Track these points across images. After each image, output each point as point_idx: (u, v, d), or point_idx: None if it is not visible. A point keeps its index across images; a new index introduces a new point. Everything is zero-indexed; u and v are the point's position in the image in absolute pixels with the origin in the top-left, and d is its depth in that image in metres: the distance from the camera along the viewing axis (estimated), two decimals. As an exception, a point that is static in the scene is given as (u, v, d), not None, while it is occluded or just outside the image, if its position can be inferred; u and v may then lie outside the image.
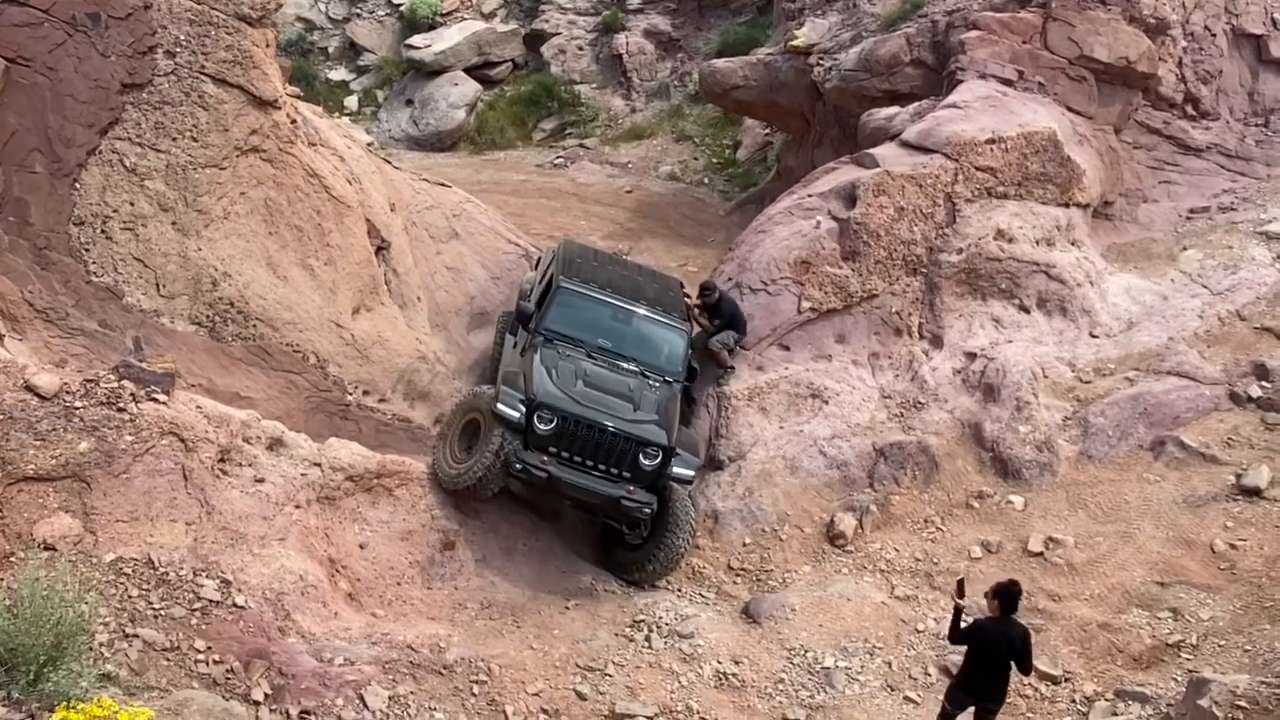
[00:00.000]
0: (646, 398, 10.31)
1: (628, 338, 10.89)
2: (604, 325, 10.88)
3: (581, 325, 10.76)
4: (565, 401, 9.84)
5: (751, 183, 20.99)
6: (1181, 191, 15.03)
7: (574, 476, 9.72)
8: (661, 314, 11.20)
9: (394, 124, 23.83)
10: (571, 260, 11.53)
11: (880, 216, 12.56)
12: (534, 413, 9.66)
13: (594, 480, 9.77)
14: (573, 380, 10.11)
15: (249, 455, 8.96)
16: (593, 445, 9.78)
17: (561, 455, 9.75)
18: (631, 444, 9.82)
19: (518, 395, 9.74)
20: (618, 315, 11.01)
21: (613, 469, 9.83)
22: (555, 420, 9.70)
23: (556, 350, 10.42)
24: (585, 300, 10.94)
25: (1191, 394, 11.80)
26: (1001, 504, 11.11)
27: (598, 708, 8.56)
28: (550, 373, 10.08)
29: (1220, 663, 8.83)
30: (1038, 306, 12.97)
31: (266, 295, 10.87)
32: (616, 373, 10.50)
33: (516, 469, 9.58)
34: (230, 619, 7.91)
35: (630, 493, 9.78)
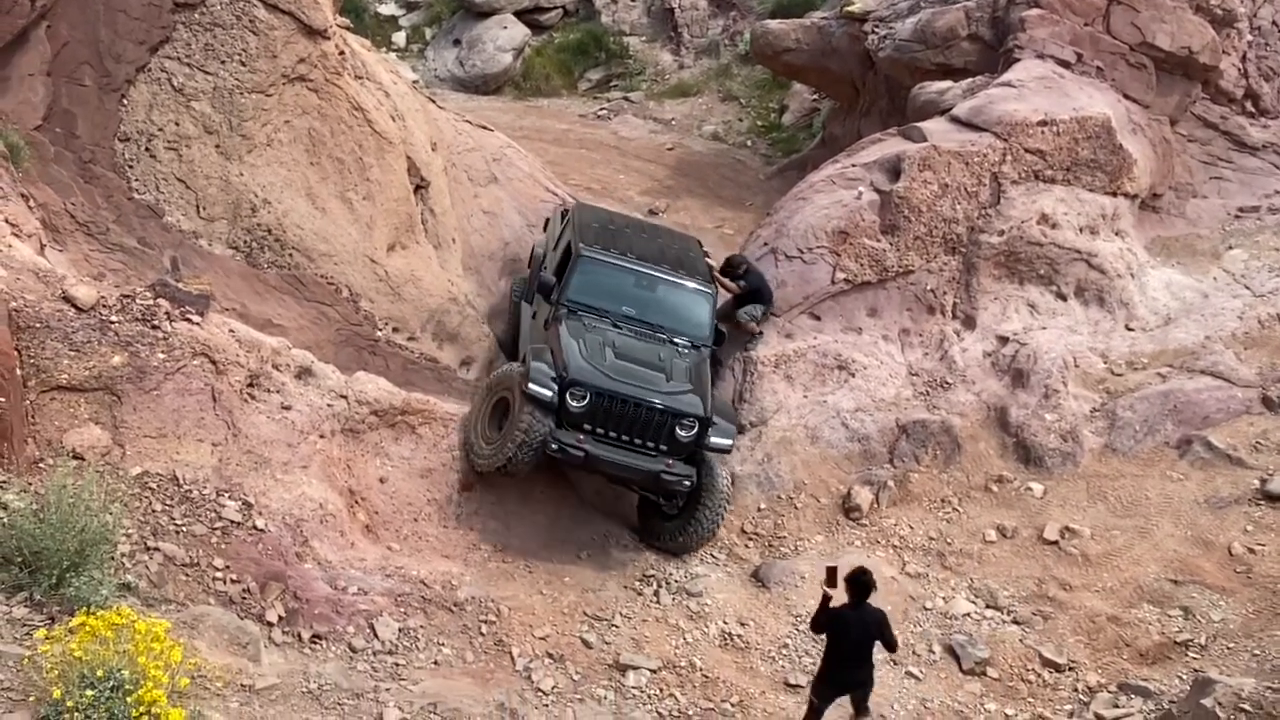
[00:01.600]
0: (677, 366, 10.13)
1: (652, 304, 10.72)
2: (628, 293, 10.69)
3: (605, 294, 10.56)
4: (598, 376, 9.61)
5: (795, 148, 20.76)
6: (1233, 189, 14.74)
7: (611, 453, 9.51)
8: (685, 277, 11.02)
9: (440, 63, 23.71)
10: (588, 225, 11.29)
11: (923, 192, 12.41)
12: (567, 390, 9.44)
13: (632, 456, 9.57)
14: (602, 353, 9.89)
15: (277, 382, 9.05)
16: (628, 420, 9.57)
17: (596, 431, 9.55)
18: (668, 416, 9.62)
19: (549, 373, 9.51)
20: (641, 282, 10.82)
21: (649, 442, 9.63)
22: (589, 396, 9.49)
23: (582, 321, 10.21)
24: (607, 268, 10.72)
25: (1223, 395, 11.66)
26: (1021, 490, 11.08)
27: (602, 656, 8.67)
28: (579, 346, 9.86)
29: (1227, 665, 8.81)
30: (1075, 295, 12.82)
31: (304, 225, 10.90)
32: (645, 341, 10.32)
33: (553, 449, 9.38)
34: (249, 540, 8.05)
35: (669, 466, 9.59)
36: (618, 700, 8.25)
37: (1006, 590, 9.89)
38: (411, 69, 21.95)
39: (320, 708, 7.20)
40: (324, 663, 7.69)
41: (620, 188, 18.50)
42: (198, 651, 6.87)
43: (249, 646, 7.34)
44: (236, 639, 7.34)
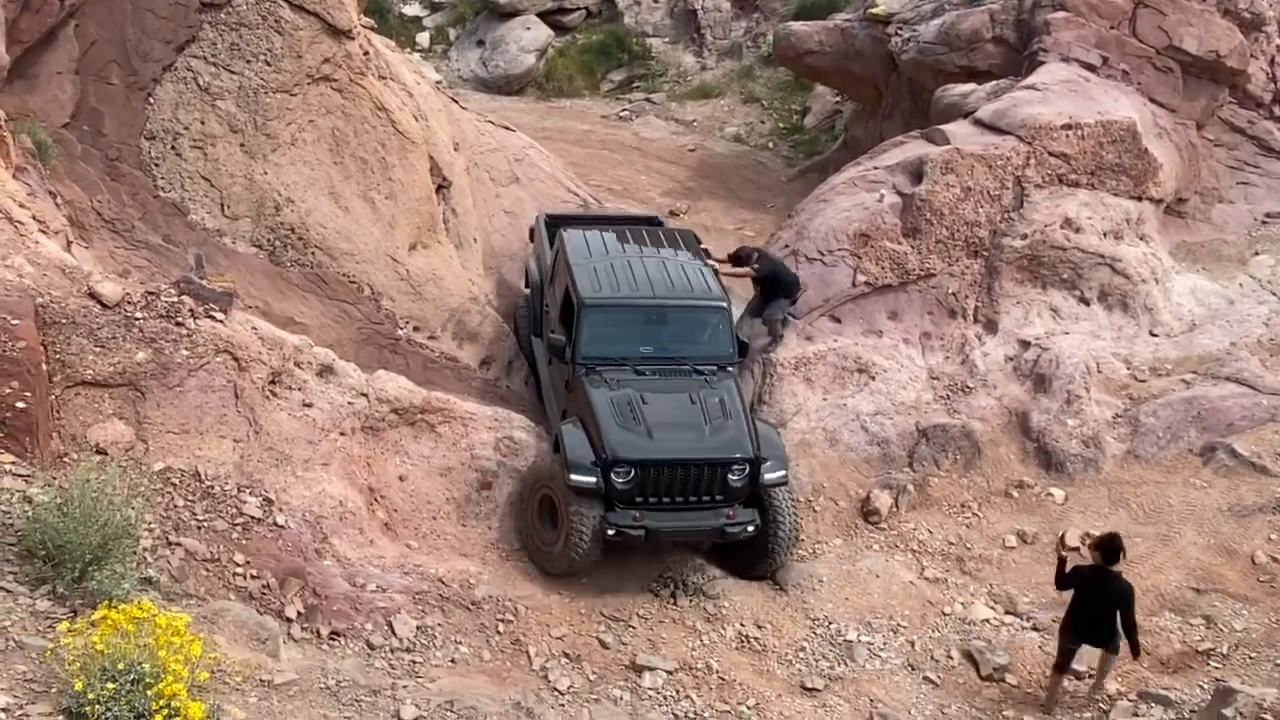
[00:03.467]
0: (711, 403, 9.59)
1: (668, 336, 10.23)
2: (641, 332, 10.13)
3: (618, 340, 10.00)
4: (639, 446, 9.11)
5: (817, 150, 20.71)
6: (1260, 194, 14.61)
7: (671, 522, 9.13)
8: (693, 297, 10.39)
9: (463, 64, 23.80)
10: (581, 258, 10.56)
11: (946, 195, 12.36)
12: (610, 471, 9.01)
13: (691, 517, 9.19)
14: (635, 414, 9.35)
15: (299, 379, 9.11)
16: (679, 482, 9.13)
17: (650, 501, 9.14)
18: (717, 468, 9.17)
19: (588, 457, 9.06)
20: (651, 316, 10.26)
21: (704, 497, 9.24)
22: (634, 471, 9.04)
23: (603, 378, 9.68)
24: (615, 313, 10.13)
25: (1249, 402, 11.55)
26: (1041, 495, 11.01)
27: (619, 657, 8.67)
28: (611, 413, 9.32)
29: (1249, 675, 8.72)
30: (1098, 300, 12.74)
31: (327, 224, 10.98)
32: (672, 382, 9.77)
33: (610, 535, 9.02)
34: (270, 536, 8.10)
35: (731, 518, 9.22)
36: (634, 701, 8.25)
37: (1026, 596, 9.83)
38: (435, 69, 22.05)
39: (338, 704, 7.23)
40: (342, 659, 7.72)
41: (642, 189, 18.51)
42: (217, 646, 6.92)
43: (268, 642, 7.39)
44: (256, 634, 7.39)
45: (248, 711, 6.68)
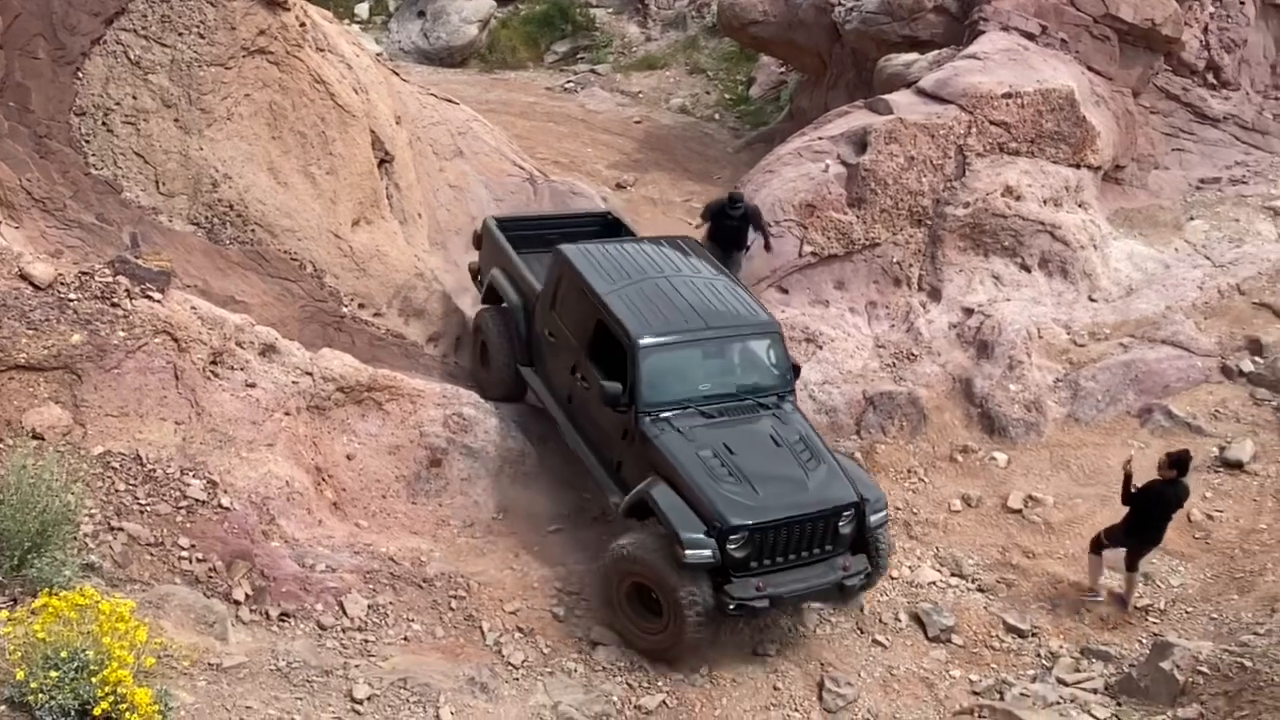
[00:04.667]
0: (793, 443, 8.79)
1: (725, 369, 9.29)
2: (700, 368, 9.12)
3: (677, 380, 8.93)
4: (751, 508, 8.16)
5: (762, 121, 20.75)
6: (1194, 160, 14.92)
7: (790, 584, 8.27)
8: (745, 325, 9.36)
9: (404, 35, 23.43)
10: (602, 282, 9.40)
11: (890, 164, 12.46)
12: (725, 540, 8.04)
13: (808, 577, 8.38)
14: (725, 468, 8.42)
15: (241, 359, 8.97)
16: (793, 540, 8.30)
17: (763, 565, 8.25)
18: (828, 519, 8.39)
19: (698, 527, 8.05)
20: (709, 350, 9.25)
21: (815, 549, 8.44)
22: (748, 535, 8.10)
23: (673, 426, 8.68)
24: (673, 351, 8.97)
25: (1184, 364, 11.85)
26: (985, 460, 11.21)
27: (573, 630, 8.70)
28: (702, 470, 8.35)
29: (1186, 629, 9.00)
30: (1039, 266, 12.95)
31: (266, 200, 10.76)
32: (744, 422, 8.88)
33: (732, 611, 8.14)
34: (215, 519, 7.99)
35: (846, 569, 8.50)
36: (588, 673, 8.29)
37: (971, 559, 10.02)
38: (375, 41, 21.68)
39: (289, 685, 7.19)
40: (292, 640, 7.67)
41: (588, 161, 18.42)
42: (163, 631, 6.84)
43: (216, 625, 7.32)
44: (203, 618, 7.32)
45: (196, 695, 6.62)
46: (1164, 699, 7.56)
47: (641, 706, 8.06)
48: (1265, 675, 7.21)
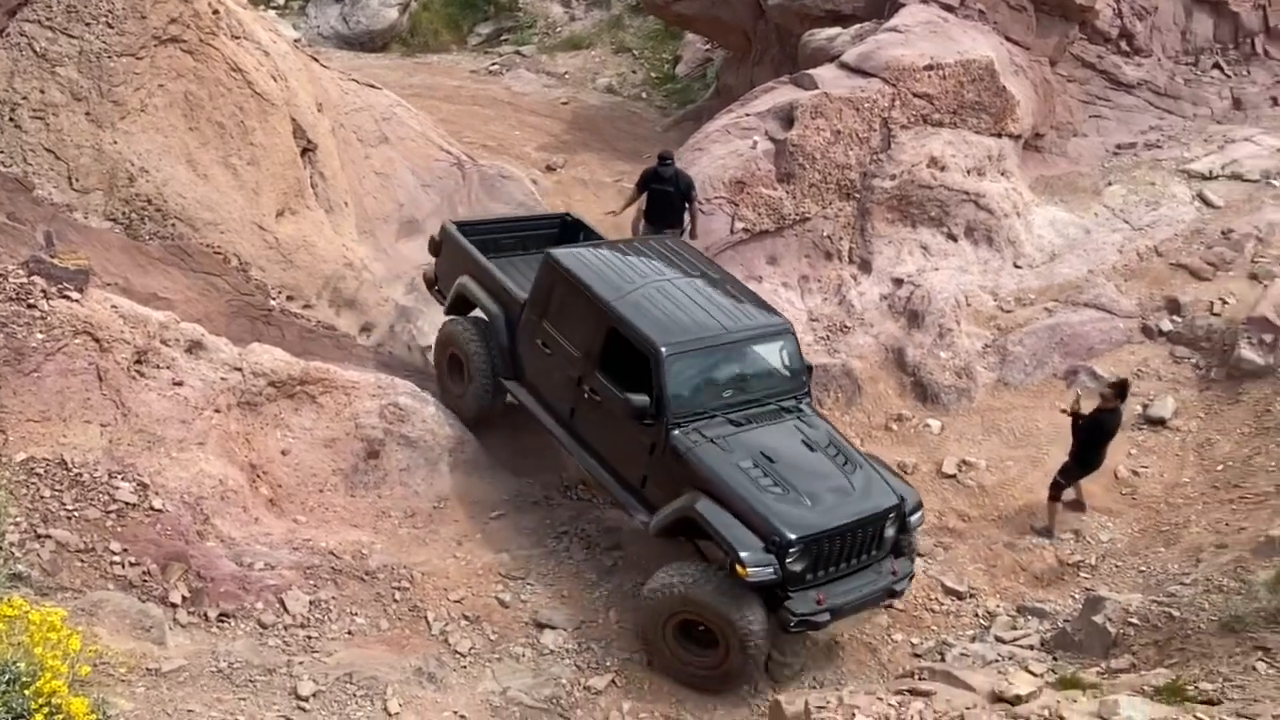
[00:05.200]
0: (825, 445, 8.59)
1: (747, 376, 8.93)
2: (722, 374, 8.81)
3: (702, 388, 8.63)
4: (806, 520, 7.87)
5: (690, 99, 20.74)
6: (1111, 127, 15.26)
7: (846, 596, 8.06)
8: (762, 323, 9.06)
9: (323, 20, 22.94)
10: (607, 289, 8.95)
11: (816, 139, 12.56)
12: (784, 555, 7.76)
13: (862, 585, 8.21)
14: (770, 479, 8.14)
15: (167, 357, 8.76)
16: (845, 548, 8.08)
17: (817, 577, 7.99)
18: (876, 524, 8.21)
19: (755, 544, 7.72)
20: (731, 355, 8.89)
21: (863, 556, 8.25)
22: (804, 547, 7.82)
23: (705, 438, 8.33)
24: (697, 358, 8.64)
25: (1106, 326, 12.17)
26: (919, 427, 11.42)
27: (519, 615, 8.70)
28: (748, 483, 8.03)
29: (1116, 582, 9.28)
30: (965, 235, 13.17)
31: (186, 193, 10.49)
32: (773, 428, 8.60)
33: (794, 628, 7.93)
34: (147, 522, 7.82)
35: (895, 574, 8.39)
36: (535, 657, 8.31)
37: (909, 524, 10.19)
38: (292, 27, 21.16)
39: (231, 686, 7.09)
40: (233, 641, 7.56)
41: (516, 144, 18.25)
42: (98, 638, 6.70)
43: (153, 630, 7.19)
44: (139, 623, 7.19)
45: (135, 702, 6.50)
46: (1097, 651, 7.80)
47: (590, 687, 8.09)
48: (1192, 623, 7.47)
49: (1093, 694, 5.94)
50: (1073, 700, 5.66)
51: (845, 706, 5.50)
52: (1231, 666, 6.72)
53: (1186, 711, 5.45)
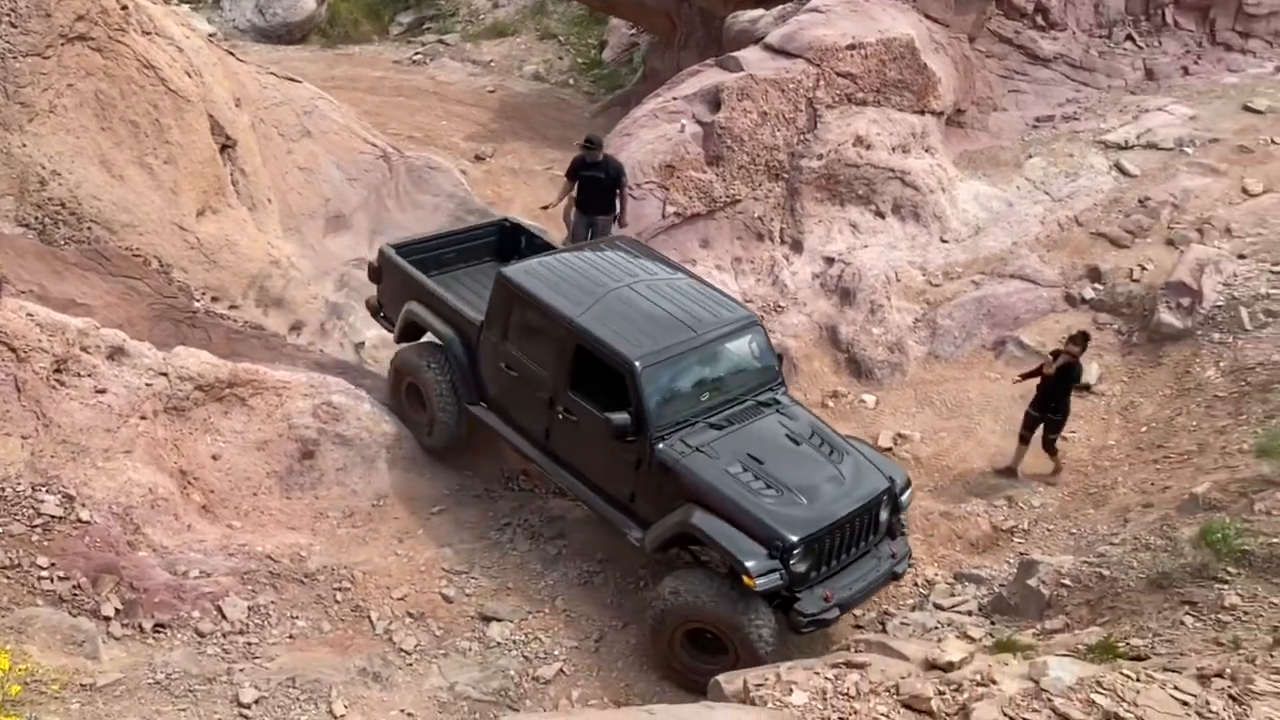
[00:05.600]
0: (805, 434, 8.50)
1: (721, 377, 8.75)
2: (697, 378, 8.62)
3: (680, 398, 8.44)
4: (805, 519, 7.77)
5: (617, 84, 20.70)
6: (1029, 100, 15.56)
7: (850, 588, 8.01)
8: (730, 320, 8.89)
9: (238, 13, 22.44)
10: (569, 304, 8.69)
11: (744, 121, 12.61)
12: (788, 559, 7.68)
13: (862, 573, 8.15)
14: (763, 481, 8.01)
15: (88, 365, 8.52)
16: (844, 540, 8.02)
17: (820, 573, 7.91)
18: (871, 511, 8.16)
19: (758, 551, 7.61)
20: (703, 358, 8.68)
21: (861, 544, 8.21)
22: (805, 546, 7.75)
23: (690, 447, 8.18)
24: (672, 366, 8.42)
25: (1031, 296, 12.44)
26: (855, 402, 11.57)
27: (464, 609, 8.65)
28: (741, 489, 7.90)
29: (1048, 545, 9.50)
30: (893, 212, 13.35)
31: (101, 196, 10.19)
32: (756, 427, 8.46)
33: (806, 629, 7.83)
34: (75, 534, 7.62)
35: (895, 556, 8.38)
36: (482, 650, 8.27)
37: (848, 499, 10.32)
38: (207, 21, 20.68)
39: (170, 697, 6.96)
40: (170, 651, 7.41)
41: (443, 134, 18.07)
42: (28, 656, 6.53)
43: (85, 644, 7.03)
44: (71, 638, 7.02)
45: (70, 718, 6.34)
46: (1033, 614, 7.99)
47: (539, 677, 8.09)
48: (1121, 582, 7.69)
49: (1024, 657, 6.09)
50: (1004, 664, 5.80)
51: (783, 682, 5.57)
52: (1160, 621, 6.94)
53: (1114, 668, 5.61)
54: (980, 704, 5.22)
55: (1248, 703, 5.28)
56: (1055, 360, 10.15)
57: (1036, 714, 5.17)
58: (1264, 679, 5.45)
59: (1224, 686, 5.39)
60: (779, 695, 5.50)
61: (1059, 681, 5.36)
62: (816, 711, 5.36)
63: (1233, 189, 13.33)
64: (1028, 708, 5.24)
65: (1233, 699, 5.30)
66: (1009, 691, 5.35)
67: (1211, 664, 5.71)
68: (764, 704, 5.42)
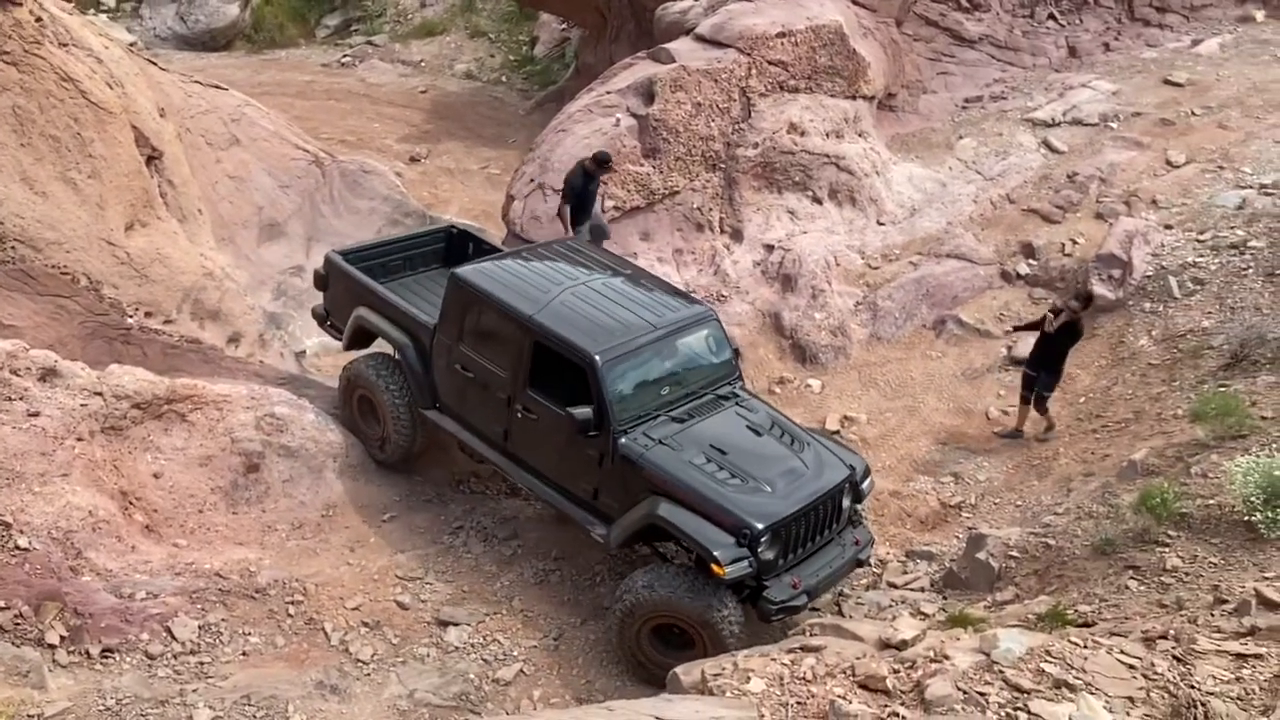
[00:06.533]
0: (765, 425, 8.53)
1: (678, 371, 8.75)
2: (656, 372, 8.59)
3: (641, 393, 8.42)
4: (770, 507, 7.78)
5: (550, 80, 20.63)
6: (957, 82, 15.79)
7: (818, 575, 8.06)
8: (686, 313, 8.93)
9: (159, 21, 21.96)
10: (524, 302, 8.68)
11: (678, 113, 12.63)
12: (756, 546, 7.66)
13: (829, 561, 8.21)
14: (727, 472, 8.04)
15: (19, 388, 8.28)
16: (809, 527, 8.06)
17: (786, 561, 7.93)
18: (830, 498, 8.17)
19: (725, 540, 7.60)
20: (661, 351, 8.65)
21: (825, 531, 8.25)
22: (772, 534, 7.75)
23: (652, 439, 8.18)
24: (631, 359, 8.42)
25: (968, 274, 12.65)
26: (801, 388, 11.68)
27: (420, 615, 8.58)
28: (705, 479, 7.92)
29: (995, 518, 9.68)
30: (829, 197, 13.47)
31: (24, 213, 9.90)
32: (716, 419, 8.49)
33: (775, 617, 7.84)
34: (13, 563, 7.42)
35: (858, 544, 8.43)
36: (441, 656, 8.21)
37: (799, 484, 10.41)
38: (126, 30, 20.13)
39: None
40: (119, 676, 7.25)
41: (376, 136, 17.88)
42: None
43: (30, 674, 6.85)
44: (15, 668, 6.83)
45: (18, 752, 6.17)
46: (983, 586, 8.14)
47: (499, 679, 8.05)
48: (1067, 550, 7.86)
49: (974, 630, 6.20)
50: (955, 639, 5.90)
51: (740, 670, 5.60)
52: (1106, 587, 7.10)
53: (1062, 637, 5.73)
54: (934, 680, 5.30)
55: (1191, 662, 5.42)
56: (1056, 318, 10.24)
57: (989, 686, 5.26)
58: (1205, 638, 5.61)
59: (1168, 648, 5.53)
60: (736, 684, 5.53)
61: (1009, 653, 5.47)
62: (774, 697, 5.40)
63: (1157, 161, 13.66)
64: (980, 681, 5.33)
65: (1177, 659, 5.44)
66: (961, 666, 5.45)
67: (1155, 626, 5.86)
68: (722, 693, 5.45)
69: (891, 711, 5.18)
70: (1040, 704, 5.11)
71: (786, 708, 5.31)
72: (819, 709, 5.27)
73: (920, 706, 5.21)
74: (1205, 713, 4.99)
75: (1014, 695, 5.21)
